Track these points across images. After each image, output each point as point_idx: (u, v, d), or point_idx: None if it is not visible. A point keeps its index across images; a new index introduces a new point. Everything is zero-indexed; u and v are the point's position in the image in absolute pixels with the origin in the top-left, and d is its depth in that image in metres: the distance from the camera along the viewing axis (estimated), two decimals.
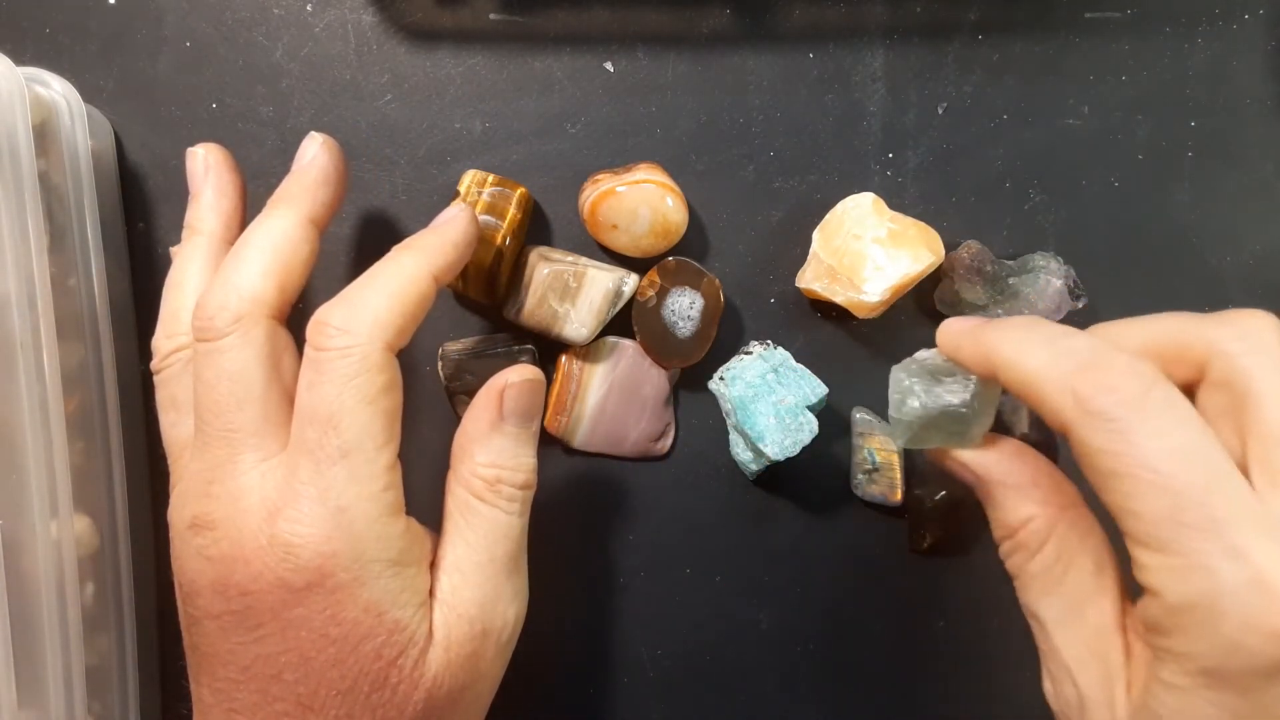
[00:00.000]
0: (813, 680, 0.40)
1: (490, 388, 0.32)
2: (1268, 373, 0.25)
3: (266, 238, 0.31)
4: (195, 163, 0.35)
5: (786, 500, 0.40)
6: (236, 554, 0.28)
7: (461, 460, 0.32)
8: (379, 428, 0.29)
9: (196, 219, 0.34)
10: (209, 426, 0.29)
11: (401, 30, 0.38)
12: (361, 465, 0.28)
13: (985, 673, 0.40)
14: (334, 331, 0.29)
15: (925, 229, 0.37)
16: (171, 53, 0.38)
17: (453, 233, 0.32)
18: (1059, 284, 0.37)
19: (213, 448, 0.29)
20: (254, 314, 0.30)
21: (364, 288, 0.30)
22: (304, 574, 0.28)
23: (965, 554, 0.40)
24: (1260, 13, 0.39)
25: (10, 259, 0.31)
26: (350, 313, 0.29)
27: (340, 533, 0.28)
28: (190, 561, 0.29)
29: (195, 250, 0.34)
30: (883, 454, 0.38)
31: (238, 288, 0.30)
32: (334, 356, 0.29)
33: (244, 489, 0.29)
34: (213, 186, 0.35)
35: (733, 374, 0.38)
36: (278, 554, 0.28)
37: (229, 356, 0.29)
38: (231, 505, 0.29)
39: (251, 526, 0.28)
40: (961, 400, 0.30)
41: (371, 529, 0.29)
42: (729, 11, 0.38)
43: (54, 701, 0.32)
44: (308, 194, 0.33)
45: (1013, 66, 0.39)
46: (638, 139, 0.39)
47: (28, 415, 0.31)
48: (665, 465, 0.39)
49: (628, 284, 0.37)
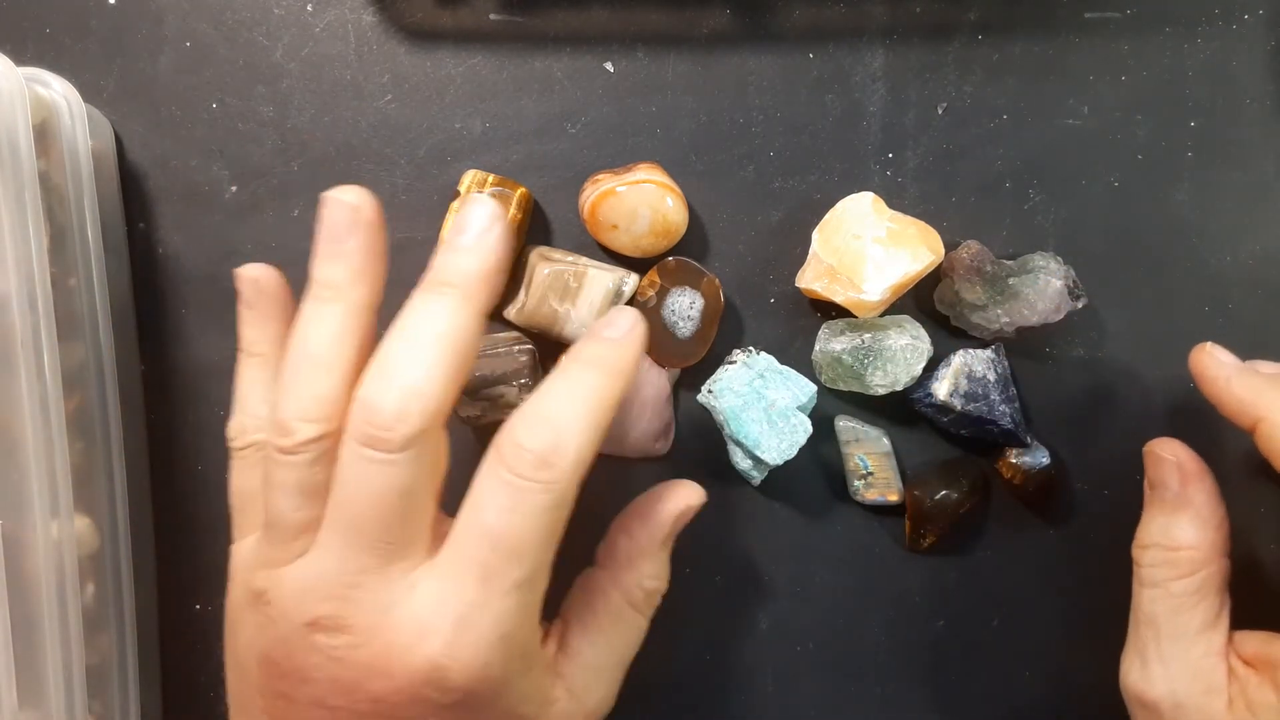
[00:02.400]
0: (813, 680, 0.40)
1: (667, 507, 0.33)
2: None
3: (449, 333, 0.28)
4: (342, 211, 0.29)
5: (786, 500, 0.40)
6: (377, 665, 0.27)
7: (626, 569, 0.32)
8: (551, 558, 0.28)
9: (342, 280, 0.29)
10: (362, 535, 0.28)
11: (401, 30, 0.38)
12: (531, 596, 0.28)
13: (985, 673, 0.40)
14: (536, 462, 0.27)
15: (925, 228, 0.37)
16: (171, 53, 0.38)
17: (636, 348, 0.30)
18: (1059, 284, 0.37)
19: (360, 555, 0.28)
20: (434, 428, 0.28)
21: (563, 412, 0.28)
22: (451, 694, 0.27)
23: (965, 554, 0.40)
24: (1260, 13, 0.39)
25: (10, 259, 0.31)
26: (554, 442, 0.28)
27: (499, 659, 0.28)
28: (308, 655, 0.28)
29: (338, 319, 0.29)
30: (873, 458, 0.38)
31: (420, 395, 0.27)
32: (535, 490, 0.27)
33: (393, 601, 0.28)
34: (364, 245, 0.29)
35: (720, 385, 0.38)
36: (426, 674, 0.27)
37: (403, 471, 0.27)
38: (377, 615, 0.28)
39: (400, 642, 0.27)
40: (844, 349, 0.37)
41: (527, 652, 0.29)
42: (729, 11, 0.38)
43: (54, 701, 0.32)
44: (486, 284, 0.29)
45: (1013, 66, 0.39)
46: (638, 139, 0.39)
47: (28, 415, 0.31)
48: (665, 465, 0.39)
49: (628, 284, 0.37)
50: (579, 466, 0.28)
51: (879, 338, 0.37)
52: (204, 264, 0.39)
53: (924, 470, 0.39)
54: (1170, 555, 0.33)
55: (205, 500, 0.40)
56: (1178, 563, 0.33)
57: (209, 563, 0.40)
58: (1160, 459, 0.34)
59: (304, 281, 0.39)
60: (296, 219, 0.39)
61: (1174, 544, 0.33)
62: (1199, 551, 0.33)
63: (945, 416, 0.38)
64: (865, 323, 0.38)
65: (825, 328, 0.38)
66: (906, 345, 0.37)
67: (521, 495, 0.27)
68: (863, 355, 0.37)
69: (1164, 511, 0.34)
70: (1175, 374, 0.40)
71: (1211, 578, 0.33)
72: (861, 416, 0.39)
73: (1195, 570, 0.33)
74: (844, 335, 0.38)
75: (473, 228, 0.29)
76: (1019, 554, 0.40)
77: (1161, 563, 0.33)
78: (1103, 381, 0.39)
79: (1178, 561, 0.33)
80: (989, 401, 0.38)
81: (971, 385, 0.38)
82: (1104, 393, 0.38)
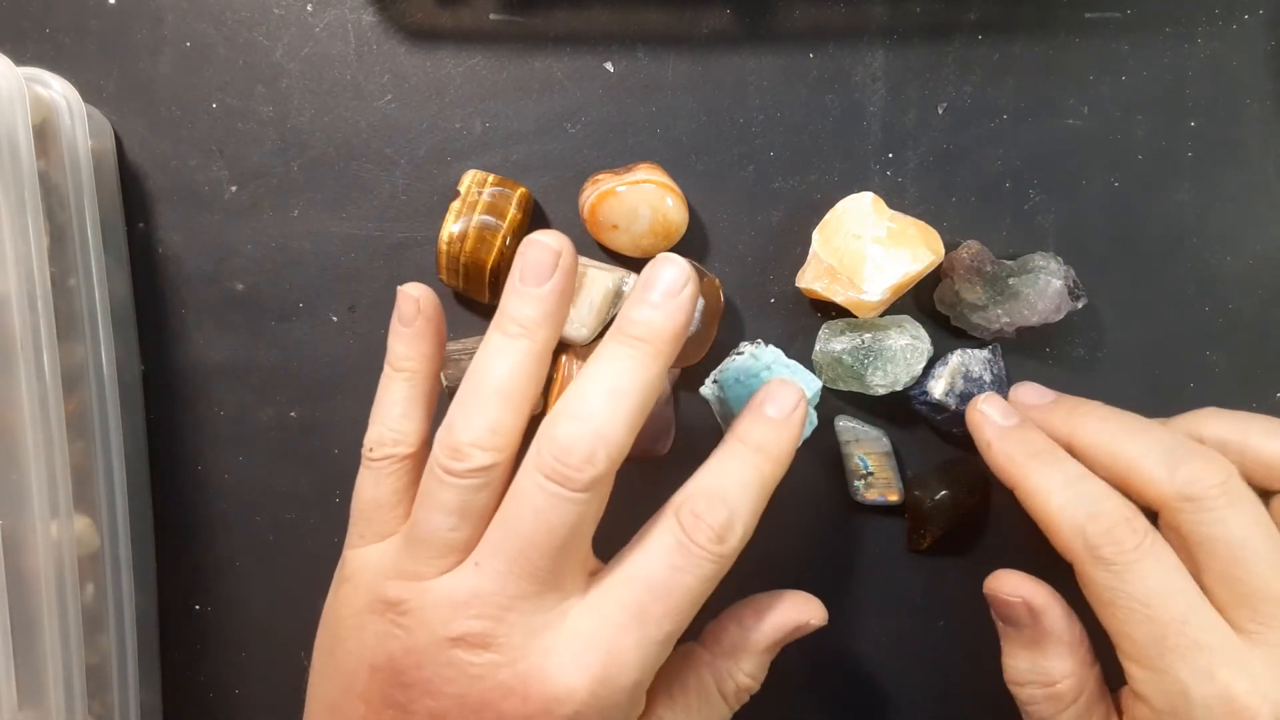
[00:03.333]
0: (813, 680, 0.40)
1: (788, 615, 0.33)
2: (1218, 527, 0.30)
3: (640, 388, 0.29)
4: (546, 254, 0.30)
5: (786, 500, 0.40)
6: (516, 687, 0.28)
7: (727, 657, 0.33)
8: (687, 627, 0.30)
9: (534, 319, 0.30)
10: (528, 563, 0.29)
11: (401, 30, 0.38)
12: (666, 654, 0.30)
13: (985, 673, 0.40)
14: (714, 536, 0.29)
15: (925, 228, 0.37)
16: (171, 53, 0.38)
17: (799, 432, 0.32)
18: (1059, 284, 0.37)
19: (521, 581, 0.29)
20: (611, 474, 0.29)
21: (739, 496, 0.30)
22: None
23: (965, 554, 0.40)
24: (1260, 13, 0.39)
25: (10, 259, 0.31)
26: (730, 522, 0.30)
27: (627, 704, 0.29)
28: (443, 669, 0.29)
29: (523, 356, 0.30)
30: (873, 458, 0.38)
31: (608, 442, 0.28)
32: (706, 559, 0.29)
33: (545, 627, 0.29)
34: (560, 288, 0.30)
35: (726, 375, 0.38)
36: (563, 702, 0.28)
37: (580, 510, 0.29)
38: (527, 639, 0.29)
39: (545, 668, 0.28)
40: (844, 349, 0.37)
41: (640, 704, 0.30)
42: (729, 11, 0.38)
43: (54, 701, 0.32)
44: (678, 342, 0.30)
45: (1013, 66, 0.39)
46: (638, 139, 0.39)
47: (28, 415, 0.31)
48: (665, 465, 0.39)
49: (628, 284, 0.37)
50: (743, 541, 0.30)
51: (879, 338, 0.37)
52: (204, 264, 0.39)
53: (924, 470, 0.39)
54: (1049, 691, 0.33)
55: (205, 500, 0.40)
56: (1059, 696, 0.33)
57: (209, 563, 0.40)
58: (1004, 602, 0.34)
59: (304, 281, 0.39)
60: (296, 219, 0.39)
61: (1049, 679, 0.33)
62: (1075, 678, 0.33)
63: (940, 415, 0.38)
64: (865, 323, 0.38)
65: (825, 328, 0.38)
66: (906, 345, 0.37)
67: (692, 560, 0.29)
68: (863, 355, 0.37)
69: (1027, 647, 0.34)
70: (1175, 374, 0.40)
71: (1093, 692, 0.33)
72: (861, 417, 0.39)
73: (1078, 695, 0.33)
74: (844, 335, 0.38)
75: (668, 286, 0.30)
76: (1019, 554, 0.40)
77: (1043, 699, 0.33)
78: (1103, 381, 0.39)
79: (1059, 695, 0.33)
80: None
81: (967, 385, 0.38)
82: (1104, 393, 0.38)
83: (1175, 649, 0.30)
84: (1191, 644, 0.29)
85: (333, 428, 0.39)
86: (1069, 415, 0.35)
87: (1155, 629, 0.30)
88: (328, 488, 0.40)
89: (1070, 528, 0.31)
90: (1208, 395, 0.39)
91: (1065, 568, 0.34)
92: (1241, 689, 0.29)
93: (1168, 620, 0.30)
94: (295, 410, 0.39)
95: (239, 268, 0.39)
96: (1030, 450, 0.34)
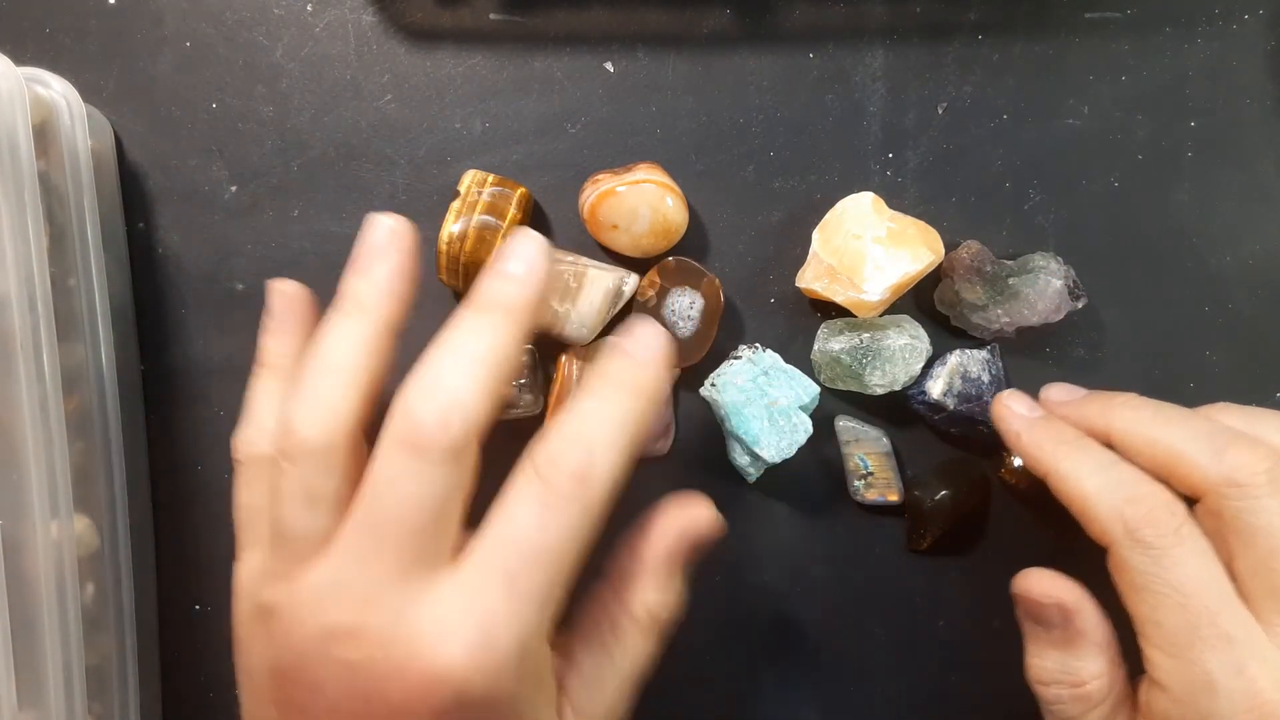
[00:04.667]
0: (813, 680, 0.40)
1: (669, 524, 0.32)
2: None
3: (493, 352, 0.28)
4: (381, 232, 0.31)
5: (786, 500, 0.40)
6: (395, 672, 0.27)
7: (628, 586, 0.31)
8: (573, 576, 0.28)
9: (370, 296, 0.30)
10: (389, 541, 0.28)
11: (401, 30, 0.38)
12: (551, 610, 0.28)
13: (985, 673, 0.40)
14: (572, 480, 0.28)
15: (925, 228, 0.37)
16: (171, 53, 0.38)
17: (663, 367, 0.31)
18: (1059, 284, 0.37)
19: (384, 561, 0.27)
20: (472, 442, 0.28)
21: (597, 433, 0.29)
22: (468, 702, 0.27)
23: (965, 554, 0.40)
24: (1260, 13, 0.39)
25: (10, 259, 0.31)
26: (589, 461, 0.28)
27: (516, 670, 0.28)
28: (324, 666, 0.28)
29: (360, 334, 0.30)
30: (873, 458, 0.38)
31: (462, 406, 0.27)
32: (572, 506, 0.28)
33: (414, 607, 0.28)
34: (396, 266, 0.30)
35: (723, 379, 0.38)
36: (446, 680, 0.27)
37: (440, 480, 0.27)
38: (397, 621, 0.28)
39: (420, 648, 0.27)
40: (843, 348, 0.37)
41: (540, 665, 0.29)
42: (729, 11, 0.38)
43: (54, 701, 0.32)
44: (530, 311, 0.30)
45: (1013, 66, 0.39)
46: (638, 139, 0.39)
47: (28, 415, 0.31)
48: (665, 465, 0.39)
49: (628, 284, 0.37)
50: (612, 485, 0.29)
51: (878, 338, 0.37)
52: (204, 264, 0.39)
53: (924, 470, 0.39)
54: (1077, 692, 0.32)
55: (205, 500, 0.40)
56: (1088, 696, 0.32)
57: (209, 563, 0.40)
58: (1036, 603, 0.33)
59: (304, 281, 0.39)
60: (296, 219, 0.39)
61: (1078, 680, 0.32)
62: (1105, 678, 0.32)
63: (937, 415, 0.38)
64: (864, 323, 0.38)
65: (824, 327, 0.38)
66: (905, 345, 0.37)
67: (555, 510, 0.28)
68: (861, 355, 0.37)
69: (1056, 647, 0.33)
70: (1175, 374, 0.40)
71: (1120, 692, 0.32)
72: (861, 416, 0.39)
73: (1106, 695, 0.32)
74: (843, 335, 0.38)
75: (521, 257, 0.30)
76: (1019, 554, 0.40)
77: (1070, 699, 0.33)
78: (1103, 381, 0.39)
79: (1087, 695, 0.32)
80: (982, 403, 0.38)
81: (965, 385, 0.38)
82: None
83: (1206, 639, 0.29)
84: (1222, 636, 0.29)
85: None
86: (1105, 407, 0.35)
87: (1188, 618, 0.29)
88: None
89: (1109, 511, 0.31)
90: (1208, 395, 0.39)
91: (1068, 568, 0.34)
92: (1266, 684, 0.29)
93: (1200, 609, 0.29)
94: None
95: (239, 268, 0.39)
96: (1060, 438, 0.34)
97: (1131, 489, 0.31)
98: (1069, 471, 0.33)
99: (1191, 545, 0.30)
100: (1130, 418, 0.34)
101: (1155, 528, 0.30)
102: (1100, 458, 0.33)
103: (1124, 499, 0.31)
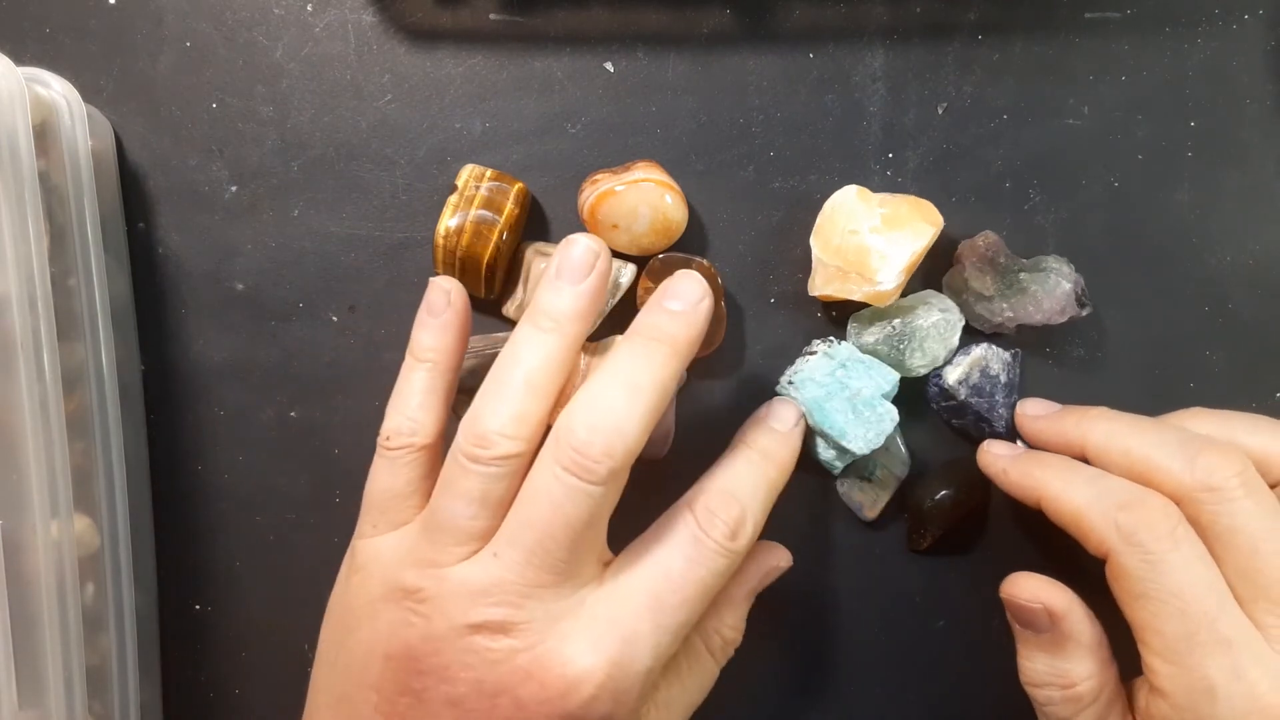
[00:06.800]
0: (813, 680, 0.40)
1: (758, 563, 0.35)
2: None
3: (658, 385, 0.30)
4: (585, 253, 0.32)
5: (786, 500, 0.40)
6: (534, 672, 0.29)
7: (709, 615, 0.33)
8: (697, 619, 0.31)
9: (566, 313, 0.31)
10: (545, 554, 0.29)
11: (401, 30, 0.38)
12: (677, 643, 0.30)
13: (985, 673, 0.40)
14: (727, 532, 0.31)
15: (916, 201, 0.37)
16: (171, 53, 0.38)
17: (799, 444, 0.35)
18: (1068, 286, 0.37)
19: (539, 571, 0.29)
20: (627, 468, 0.30)
21: (750, 495, 0.32)
22: (593, 711, 0.29)
23: (965, 554, 0.40)
24: (1260, 13, 0.39)
25: (10, 259, 0.31)
26: (742, 519, 0.31)
27: (639, 690, 0.29)
28: (461, 655, 0.29)
29: (553, 349, 0.31)
30: (884, 472, 0.38)
31: (625, 436, 0.29)
32: (719, 554, 0.31)
33: (563, 614, 0.30)
34: (596, 287, 0.32)
35: (801, 376, 0.37)
36: (579, 687, 0.29)
37: (596, 502, 0.29)
38: (546, 625, 0.29)
39: (562, 653, 0.29)
40: (878, 338, 0.37)
41: (651, 691, 0.31)
42: (729, 11, 0.38)
43: (54, 701, 0.32)
44: (693, 347, 0.31)
45: (1013, 66, 0.39)
46: (638, 139, 0.39)
47: (28, 415, 0.31)
48: (665, 465, 0.39)
49: (625, 275, 0.37)
50: (751, 545, 0.32)
51: (908, 320, 0.37)
52: (204, 264, 0.39)
53: (924, 470, 0.39)
54: (1068, 693, 0.33)
55: (205, 500, 0.40)
56: (1079, 697, 0.32)
57: (209, 563, 0.40)
58: (1023, 607, 0.33)
59: (304, 281, 0.39)
60: (296, 219, 0.39)
61: (1069, 681, 0.33)
62: (1095, 679, 0.32)
63: (945, 401, 0.38)
64: (891, 308, 0.38)
65: (854, 321, 0.38)
66: (938, 321, 0.37)
67: (706, 553, 0.30)
68: (898, 341, 0.37)
69: (1045, 649, 0.33)
70: (1175, 374, 0.40)
71: (1111, 691, 0.33)
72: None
73: (1097, 695, 0.32)
74: (874, 326, 0.38)
75: (685, 296, 0.32)
76: (1019, 554, 0.40)
77: (1061, 700, 0.33)
78: (1103, 382, 0.39)
79: (1078, 696, 0.32)
80: (991, 400, 0.38)
81: (982, 380, 0.38)
82: (1104, 393, 0.38)
83: (1205, 645, 0.29)
84: (1221, 641, 0.29)
85: (332, 428, 0.39)
86: (1079, 421, 0.35)
87: (1187, 624, 0.29)
88: (328, 488, 0.40)
89: (1102, 519, 0.31)
90: (1208, 395, 0.39)
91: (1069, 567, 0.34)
92: (1266, 687, 0.29)
93: (1199, 615, 0.29)
94: (295, 410, 0.39)
95: (239, 268, 0.39)
96: (1044, 464, 0.34)
97: (1123, 495, 0.31)
98: (1059, 490, 0.33)
99: (1188, 548, 0.30)
100: (1105, 429, 0.34)
101: (1151, 531, 0.30)
102: (1088, 472, 0.33)
103: (1116, 506, 0.31)
